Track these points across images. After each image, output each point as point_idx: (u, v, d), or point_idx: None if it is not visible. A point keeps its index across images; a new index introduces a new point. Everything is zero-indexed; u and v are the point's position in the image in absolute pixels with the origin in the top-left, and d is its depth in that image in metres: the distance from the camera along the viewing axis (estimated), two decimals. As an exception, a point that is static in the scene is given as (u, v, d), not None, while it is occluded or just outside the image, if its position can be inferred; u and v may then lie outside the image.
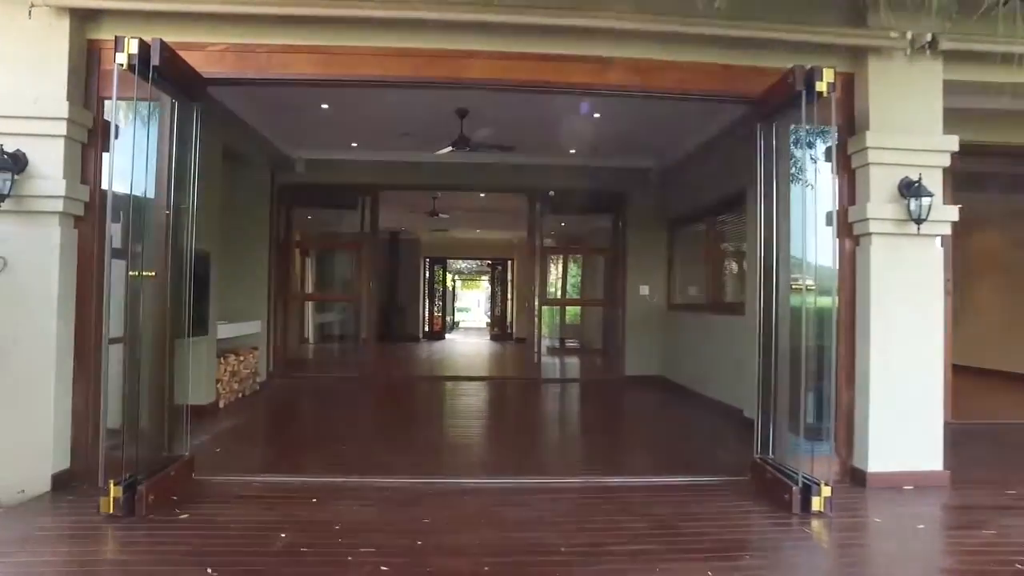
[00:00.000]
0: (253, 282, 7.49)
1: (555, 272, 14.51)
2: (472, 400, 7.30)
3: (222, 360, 6.32)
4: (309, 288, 13.90)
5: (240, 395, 6.77)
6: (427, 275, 17.73)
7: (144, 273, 3.69)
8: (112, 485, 3.18)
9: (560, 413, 6.67)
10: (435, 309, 18.26)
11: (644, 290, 8.90)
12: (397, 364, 10.53)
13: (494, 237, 16.82)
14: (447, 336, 18.42)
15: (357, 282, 8.77)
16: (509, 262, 17.82)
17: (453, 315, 23.91)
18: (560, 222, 13.15)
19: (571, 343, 14.32)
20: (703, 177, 7.40)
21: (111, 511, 3.16)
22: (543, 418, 6.22)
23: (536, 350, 8.88)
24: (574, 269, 15.36)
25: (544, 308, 9.07)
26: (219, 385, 6.23)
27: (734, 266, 7.14)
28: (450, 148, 6.72)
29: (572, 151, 8.37)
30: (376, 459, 4.42)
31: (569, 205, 9.59)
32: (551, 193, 8.96)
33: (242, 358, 6.79)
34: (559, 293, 14.40)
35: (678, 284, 8.86)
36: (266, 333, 8.15)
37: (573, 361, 11.72)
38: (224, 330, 6.41)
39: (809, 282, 3.92)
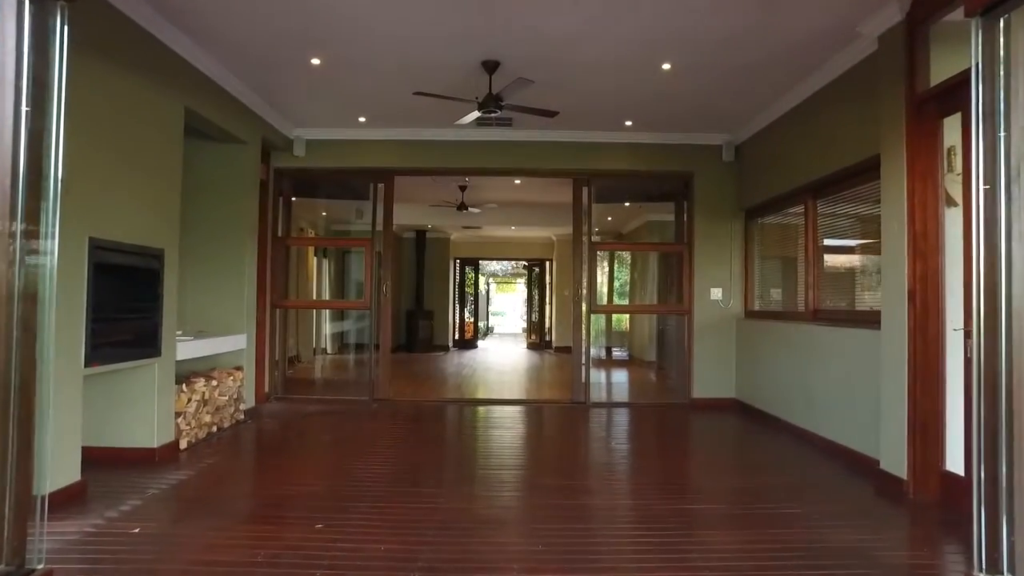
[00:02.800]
0: (236, 287, 6.09)
1: (601, 273, 12.93)
2: (508, 436, 5.76)
3: (185, 387, 4.91)
4: (326, 294, 12.62)
5: (214, 429, 5.36)
6: (457, 278, 16.29)
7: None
8: None
9: (631, 467, 5.03)
10: (467, 315, 16.79)
11: (716, 294, 7.27)
12: (418, 383, 9.04)
13: (531, 235, 15.30)
14: (479, 344, 16.95)
15: (369, 286, 7.32)
16: (547, 263, 16.26)
17: (487, 320, 22.45)
18: (607, 216, 11.58)
19: (618, 354, 12.71)
20: (800, 149, 5.75)
21: None
22: (608, 479, 4.54)
23: (583, 367, 7.31)
24: (620, 271, 13.73)
25: (591, 315, 7.48)
26: (180, 420, 4.82)
27: (855, 261, 5.47)
28: (477, 113, 5.21)
29: (628, 123, 6.79)
30: (370, 551, 2.92)
31: (622, 192, 8.02)
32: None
33: (215, 382, 5.37)
34: (605, 297, 12.80)
35: (758, 286, 7.20)
36: (257, 348, 6.76)
37: (625, 378, 10.09)
38: (189, 348, 5.00)
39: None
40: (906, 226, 3.89)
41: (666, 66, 5.13)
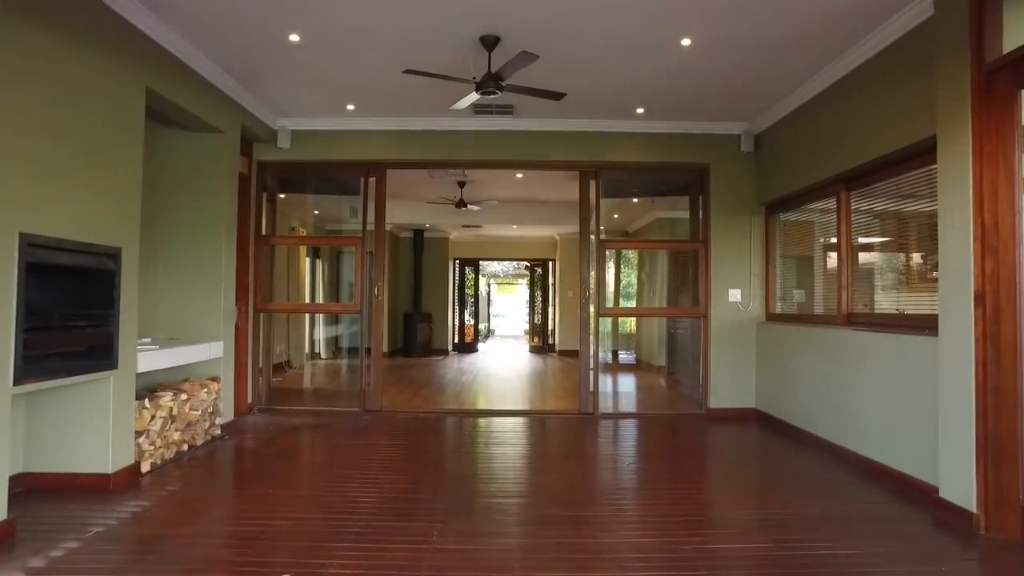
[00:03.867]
0: (211, 289, 5.56)
1: (601, 273, 12.37)
2: (511, 455, 5.21)
3: (148, 402, 4.37)
4: (320, 297, 12.09)
5: (184, 448, 4.82)
6: (457, 279, 15.74)
7: None
8: None
9: (650, 494, 4.47)
10: (467, 317, 16.24)
11: (735, 295, 6.72)
12: (414, 391, 8.51)
13: (533, 234, 14.77)
14: (480, 347, 16.40)
15: (359, 287, 6.78)
16: (550, 263, 15.72)
17: (488, 322, 21.91)
18: (613, 213, 11.04)
19: (625, 357, 12.17)
20: (831, 136, 5.21)
21: None
22: (625, 510, 3.88)
23: (591, 375, 6.77)
24: (626, 271, 13.19)
25: (599, 319, 6.93)
26: (143, 439, 4.29)
27: (895, 259, 4.92)
28: (475, 95, 4.67)
29: (640, 110, 6.25)
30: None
31: (631, 186, 7.48)
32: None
33: (186, 396, 4.84)
34: (612, 299, 12.25)
35: (779, 287, 6.66)
36: (238, 355, 6.23)
37: (634, 385, 9.54)
38: (153, 359, 4.46)
39: None
40: (972, 218, 3.35)
41: (686, 42, 4.59)
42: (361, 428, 6.00)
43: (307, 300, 11.76)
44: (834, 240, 5.42)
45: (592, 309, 6.84)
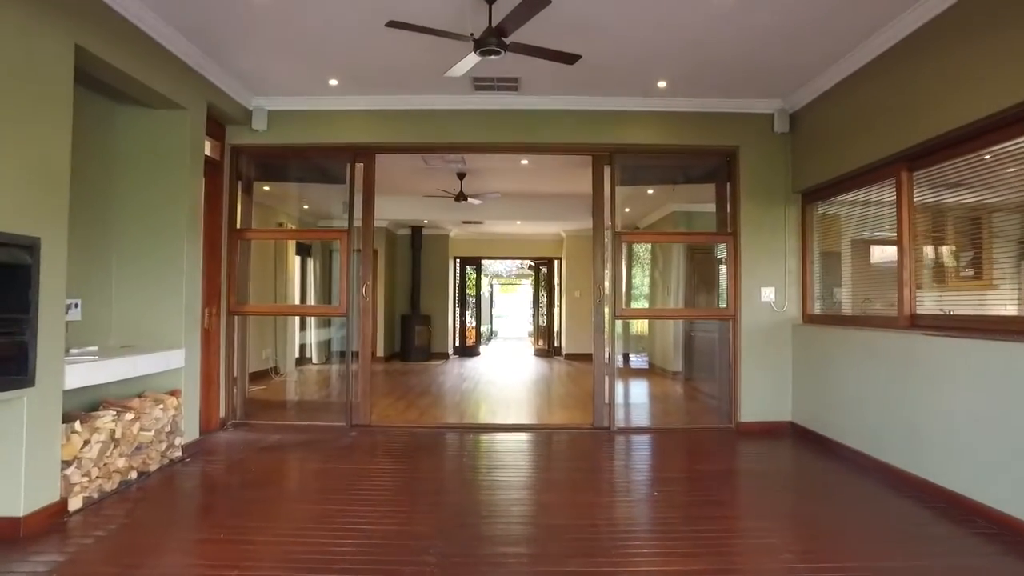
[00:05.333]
0: (171, 289, 4.82)
1: (617, 270, 11.59)
2: (516, 483, 4.45)
3: (79, 425, 3.63)
4: (311, 298, 11.35)
5: (132, 476, 4.08)
6: (457, 279, 14.99)
7: None
8: None
9: (692, 539, 3.66)
10: (468, 319, 15.48)
11: (768, 295, 5.97)
12: (408, 401, 7.76)
13: (538, 231, 14.01)
14: (482, 350, 15.64)
15: (345, 287, 6.02)
16: (556, 262, 14.95)
17: (491, 324, 21.15)
18: (624, 207, 10.25)
19: (636, 361, 11.40)
20: (889, 108, 4.45)
21: None
22: (663, 563, 3.17)
23: (607, 384, 6.02)
24: (636, 269, 12.41)
25: (608, 320, 6.17)
26: (73, 470, 3.54)
27: (978, 251, 4.14)
28: (475, 57, 3.92)
29: (662, 84, 5.50)
30: None
31: (649, 174, 6.73)
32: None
33: (133, 415, 4.09)
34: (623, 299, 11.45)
35: (818, 285, 5.90)
36: (208, 364, 5.49)
37: (650, 393, 8.77)
38: (86, 372, 3.71)
39: None
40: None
41: (724, -10, 3.84)
42: (346, 447, 5.25)
43: (296, 302, 11.04)
44: (888, 231, 4.66)
45: (607, 311, 6.08)
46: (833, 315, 5.58)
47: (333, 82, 5.50)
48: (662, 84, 5.51)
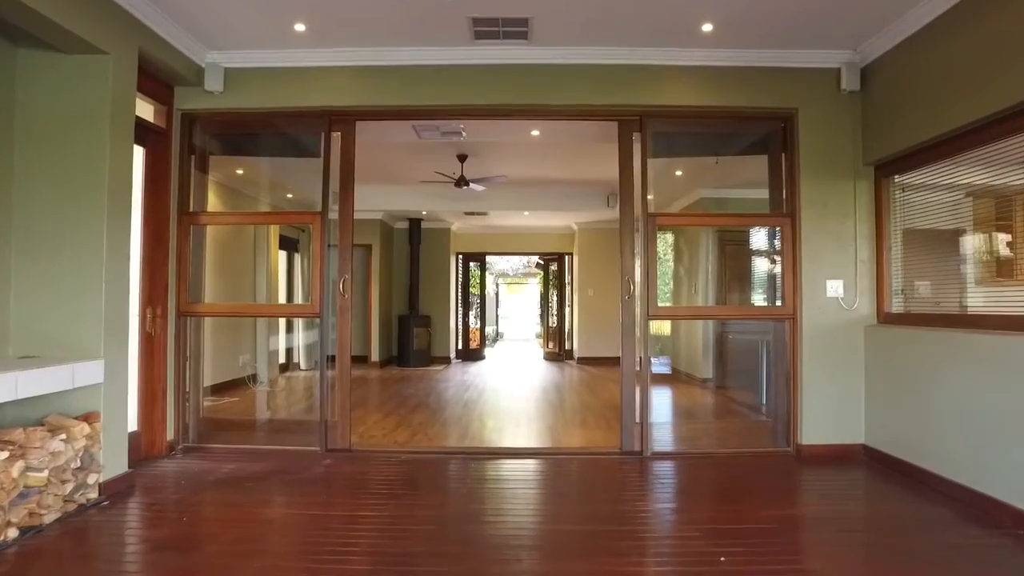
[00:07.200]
0: (88, 286, 3.77)
1: (651, 260, 10.48)
2: (534, 542, 3.38)
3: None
4: (298, 297, 10.30)
5: (12, 534, 3.02)
6: (460, 276, 13.92)
7: None
8: None
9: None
10: (472, 320, 14.40)
11: (834, 289, 4.88)
12: (400, 417, 6.70)
13: (548, 224, 12.94)
14: (487, 354, 14.58)
15: (319, 282, 4.96)
16: (567, 258, 13.86)
17: (496, 324, 20.09)
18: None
19: (657, 366, 10.29)
20: (1012, 47, 3.36)
21: None
22: None
23: (638, 399, 4.95)
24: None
25: (639, 320, 5.09)
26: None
27: None
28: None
29: (707, 27, 4.42)
30: None
31: (684, 144, 5.64)
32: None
33: (10, 453, 3.03)
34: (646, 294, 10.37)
35: (900, 278, 4.80)
36: (151, 376, 4.45)
37: (680, 405, 7.67)
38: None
39: None
40: None
41: None
42: (314, 482, 4.19)
43: (283, 301, 10.01)
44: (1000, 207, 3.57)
45: (638, 310, 5.01)
46: (924, 313, 4.48)
47: (300, 27, 4.44)
48: (707, 28, 4.43)
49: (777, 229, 5.29)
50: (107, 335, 3.81)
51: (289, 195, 9.16)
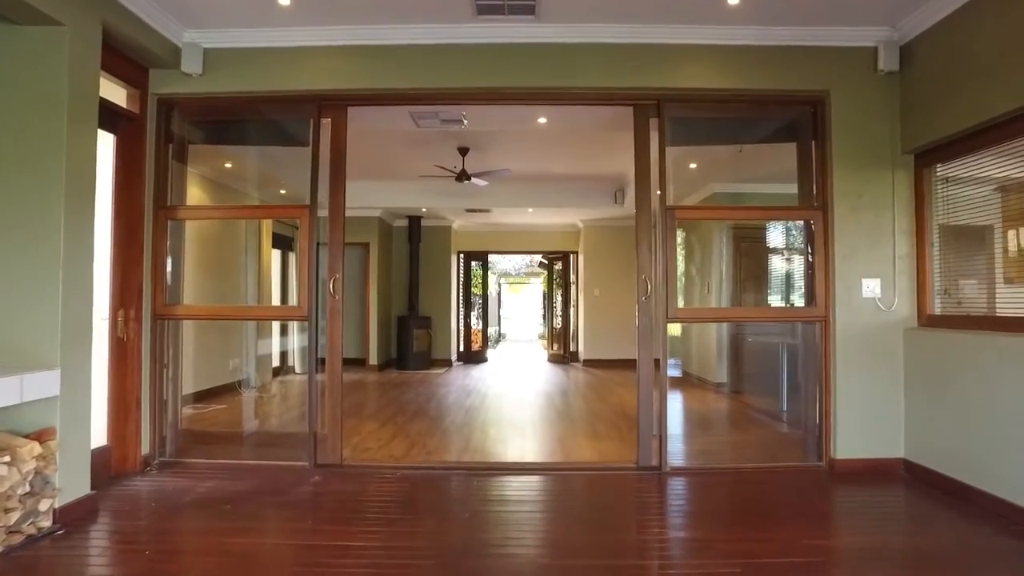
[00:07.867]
0: (43, 287, 3.36)
1: (670, 257, 10.01)
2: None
3: None
4: (293, 299, 9.88)
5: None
6: (461, 276, 13.50)
7: None
8: None
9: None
10: (473, 321, 13.98)
11: (871, 288, 4.45)
12: (396, 427, 6.28)
13: (552, 221, 12.53)
14: (490, 356, 14.16)
15: (307, 282, 4.54)
16: (572, 256, 13.43)
17: (498, 325, 19.67)
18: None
19: (671, 369, 9.87)
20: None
21: None
22: None
23: (656, 410, 4.53)
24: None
25: (657, 322, 4.66)
26: None
27: None
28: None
29: (732, 0, 4.00)
30: None
31: (704, 131, 5.21)
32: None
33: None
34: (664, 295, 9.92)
35: (944, 276, 4.38)
36: (123, 386, 4.04)
37: (695, 412, 7.23)
38: None
39: None
40: None
41: None
42: (299, 504, 3.78)
43: (277, 303, 9.62)
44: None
45: (655, 312, 4.59)
46: (973, 315, 4.06)
47: (284, 2, 4.02)
48: (733, 1, 4.01)
49: (799, 225, 4.86)
50: (65, 342, 3.39)
51: (282, 191, 8.74)
